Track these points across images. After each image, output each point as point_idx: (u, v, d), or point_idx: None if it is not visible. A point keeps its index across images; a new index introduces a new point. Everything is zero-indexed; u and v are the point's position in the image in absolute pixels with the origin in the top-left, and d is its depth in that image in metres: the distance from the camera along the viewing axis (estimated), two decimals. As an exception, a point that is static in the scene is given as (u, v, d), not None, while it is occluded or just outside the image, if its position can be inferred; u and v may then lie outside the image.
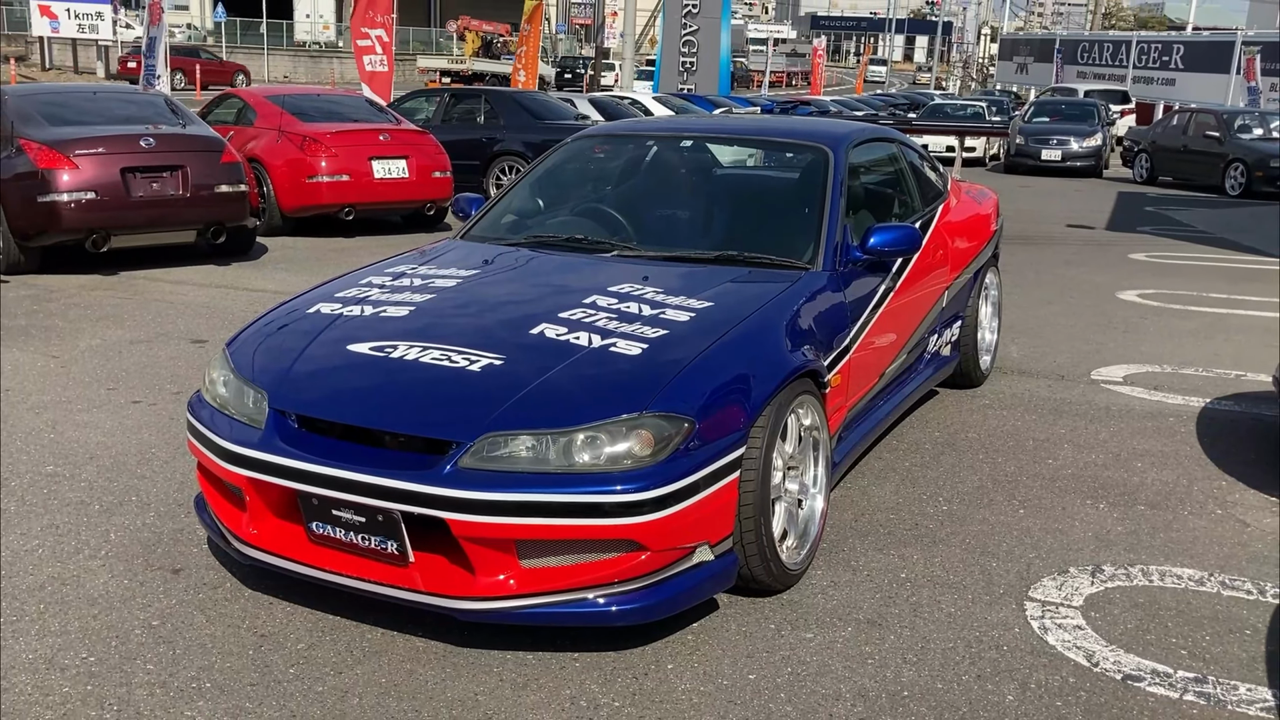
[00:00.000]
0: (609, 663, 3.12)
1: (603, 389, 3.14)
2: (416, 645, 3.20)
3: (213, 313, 7.47)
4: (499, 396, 3.11)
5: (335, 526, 3.16)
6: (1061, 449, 4.98)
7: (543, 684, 3.01)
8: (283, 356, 3.48)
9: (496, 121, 14.36)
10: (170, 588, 3.51)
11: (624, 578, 3.02)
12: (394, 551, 3.09)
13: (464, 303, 3.77)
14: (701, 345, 3.33)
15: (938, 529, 4.08)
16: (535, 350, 3.33)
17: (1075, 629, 3.35)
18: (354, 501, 3.07)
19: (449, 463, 2.99)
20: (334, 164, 10.82)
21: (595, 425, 3.00)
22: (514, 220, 4.73)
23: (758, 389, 3.30)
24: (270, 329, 3.71)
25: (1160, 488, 4.53)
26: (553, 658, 3.14)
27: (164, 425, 5.07)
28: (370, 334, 3.50)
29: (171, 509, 4.12)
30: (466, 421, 3.05)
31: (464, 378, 3.21)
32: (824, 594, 3.55)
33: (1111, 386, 6.03)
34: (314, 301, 3.84)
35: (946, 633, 3.32)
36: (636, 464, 2.97)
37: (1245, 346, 7.09)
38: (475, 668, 3.09)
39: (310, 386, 3.33)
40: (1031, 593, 3.59)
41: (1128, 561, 3.83)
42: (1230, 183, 19.69)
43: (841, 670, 3.11)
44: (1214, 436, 5.19)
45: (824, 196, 4.30)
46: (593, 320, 3.49)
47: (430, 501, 2.96)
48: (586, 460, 2.98)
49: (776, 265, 4.06)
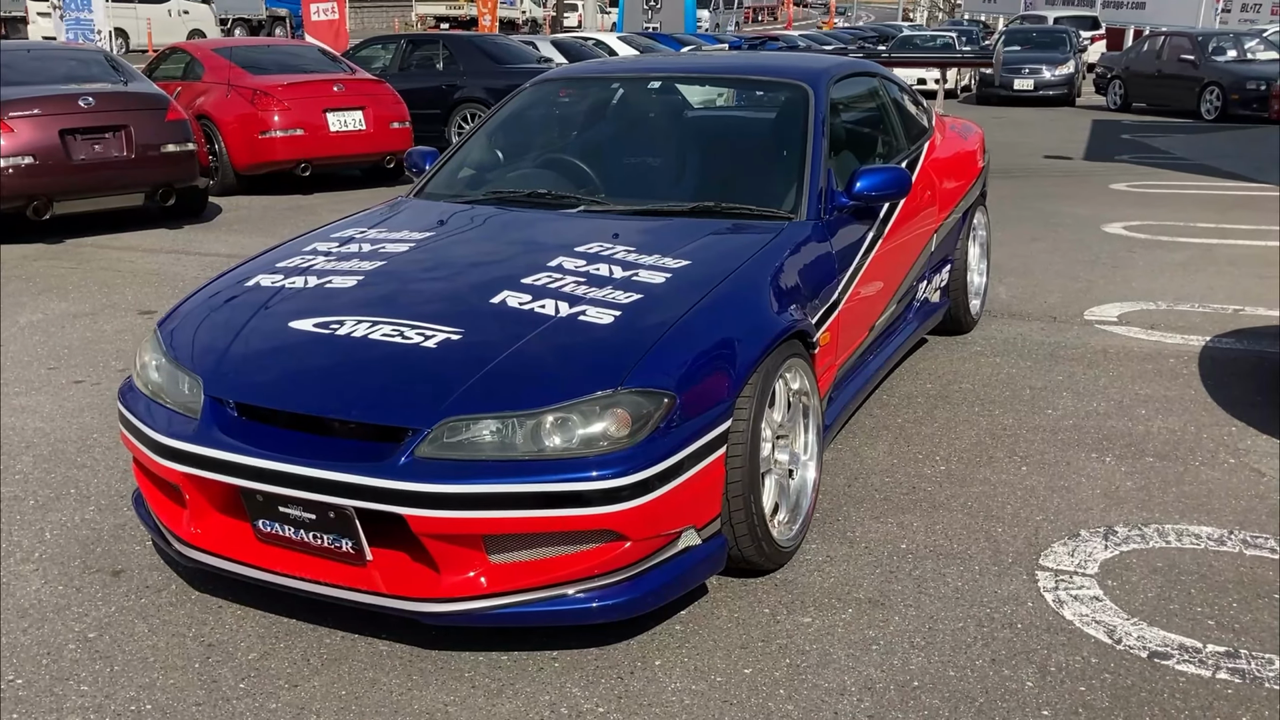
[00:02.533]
0: (590, 662, 2.85)
1: (572, 364, 2.84)
2: (379, 650, 2.92)
3: (163, 281, 7.09)
4: (458, 376, 2.80)
5: (284, 524, 2.86)
6: (1060, 397, 4.73)
7: (519, 689, 2.74)
8: (218, 337, 3.16)
9: (456, 68, 13.87)
10: (109, 593, 3.22)
11: (604, 570, 2.74)
12: (349, 550, 2.80)
13: (417, 270, 3.45)
14: (679, 310, 3.03)
15: (937, 492, 3.82)
16: (497, 322, 3.02)
17: (1093, 600, 3.11)
18: (302, 498, 2.77)
19: (404, 453, 2.69)
20: (287, 118, 10.39)
21: (565, 405, 2.70)
22: (471, 175, 4.40)
23: (742, 355, 3.01)
24: (205, 306, 3.38)
25: (1168, 437, 4.29)
26: (529, 659, 2.87)
27: (107, 407, 4.74)
28: (314, 309, 3.18)
29: (114, 502, 3.81)
30: (422, 406, 2.75)
31: (418, 356, 2.90)
32: (820, 571, 3.30)
33: (1107, 327, 5.77)
34: (252, 273, 3.51)
35: (955, 610, 3.08)
36: (613, 446, 2.68)
37: (1239, 278, 6.85)
38: (444, 673, 2.81)
39: (249, 371, 3.01)
40: (1042, 561, 3.34)
41: (1141, 521, 3.58)
42: (1206, 107, 19.44)
43: (844, 659, 2.85)
44: (1218, 378, 4.95)
45: (805, 138, 3.98)
46: (559, 286, 3.18)
47: (385, 496, 2.66)
48: (557, 445, 2.68)
49: (757, 216, 3.75)
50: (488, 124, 4.58)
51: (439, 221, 3.84)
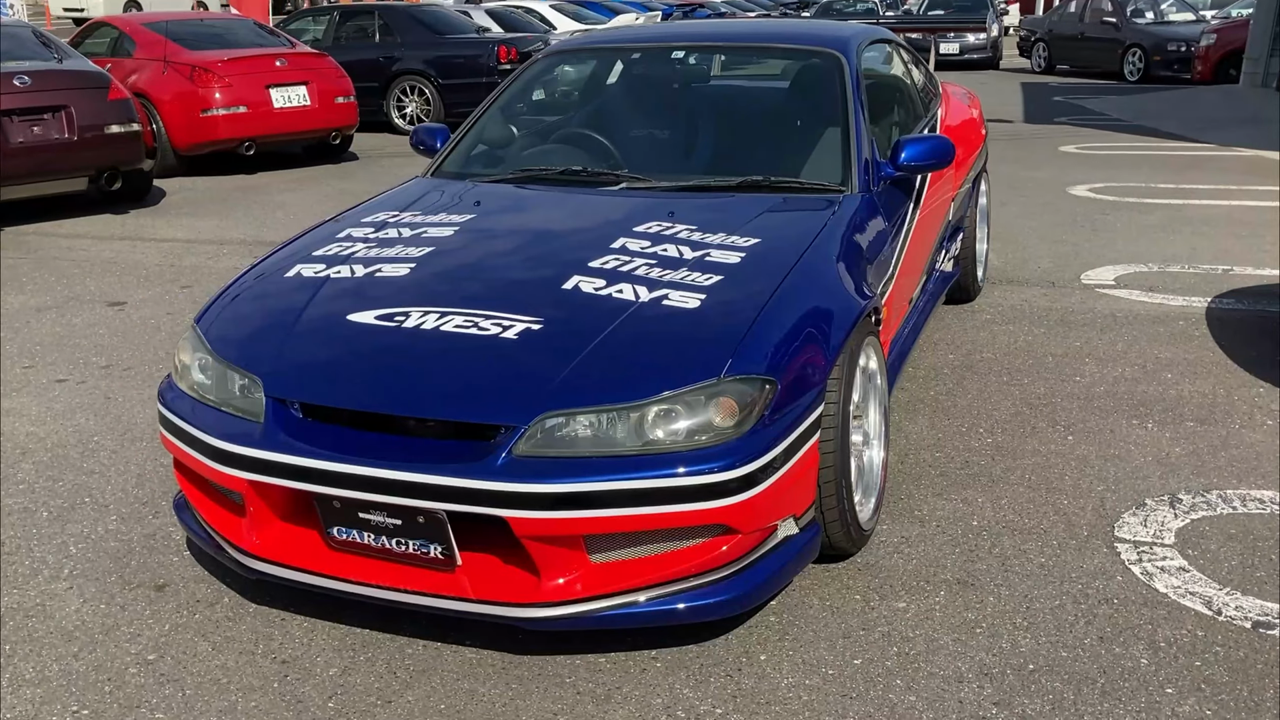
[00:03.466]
0: (693, 660, 2.74)
1: (670, 352, 2.70)
2: (469, 658, 2.77)
3: (124, 269, 6.75)
4: (548, 369, 2.65)
5: (362, 531, 2.69)
6: (1084, 364, 4.72)
7: (627, 693, 2.62)
8: (271, 333, 2.96)
9: (393, 39, 13.50)
10: (158, 610, 3.01)
11: (712, 566, 2.62)
12: (438, 555, 2.64)
13: (471, 256, 3.27)
14: (764, 291, 2.91)
15: (991, 465, 3.77)
16: (576, 309, 2.87)
17: (1180, 571, 3.08)
18: (387, 503, 2.60)
19: (502, 452, 2.53)
20: (229, 95, 9.99)
21: (669, 397, 2.57)
22: (490, 152, 4.21)
23: (833, 336, 2.91)
24: (246, 299, 3.17)
25: (1200, 400, 4.30)
26: (628, 660, 2.75)
27: (100, 406, 4.47)
28: (370, 300, 2.99)
29: (135, 510, 3.58)
30: (516, 401, 2.59)
31: (501, 348, 2.73)
32: (899, 553, 3.22)
33: (1107, 291, 5.79)
34: (289, 263, 3.30)
35: (1046, 588, 3.02)
36: (718, 438, 2.56)
37: (1217, 239, 6.93)
38: (544, 680, 2.68)
39: (312, 369, 2.82)
40: (1117, 532, 3.31)
41: (1201, 488, 3.57)
42: (1129, 68, 19.78)
43: (952, 645, 2.78)
44: (1231, 339, 4.98)
45: (846, 108, 3.87)
46: (631, 269, 3.04)
47: (485, 499, 2.51)
48: (661, 438, 2.55)
49: (807, 190, 3.64)
50: (502, 98, 4.39)
51: (475, 203, 3.66)
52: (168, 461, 3.90)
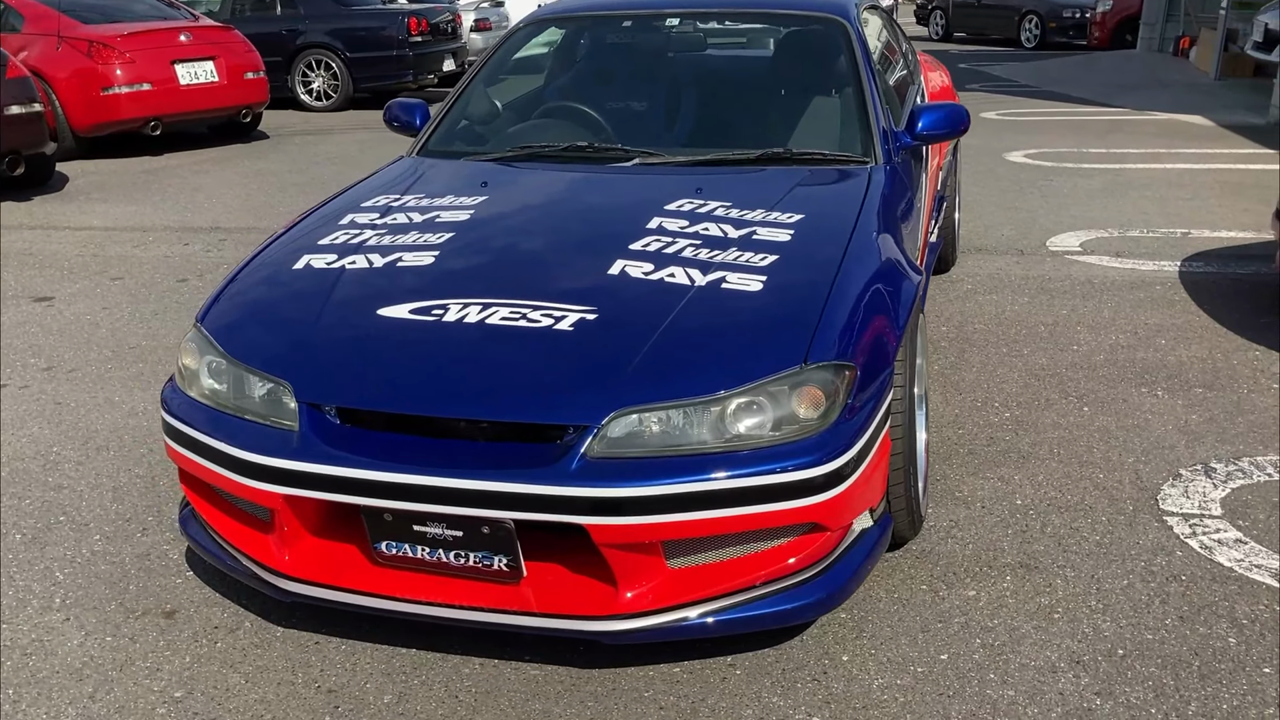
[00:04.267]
0: (773, 665, 2.59)
1: (744, 340, 2.52)
2: (533, 676, 2.57)
3: (43, 261, 6.28)
4: (615, 362, 2.45)
5: (417, 545, 2.46)
6: (1077, 332, 4.69)
7: (714, 705, 2.45)
8: (293, 332, 2.69)
9: (295, 11, 12.94)
10: (173, 640, 2.73)
11: (799, 567, 2.46)
12: (502, 568, 2.43)
13: (496, 241, 3.04)
14: (826, 271, 2.75)
15: (1016, 441, 3.69)
16: (629, 296, 2.67)
17: (1237, 543, 3.04)
18: (447, 514, 2.38)
19: (575, 454, 2.33)
20: (131, 71, 9.42)
21: (751, 388, 2.39)
22: (481, 128, 3.96)
23: (900, 315, 2.77)
24: (255, 295, 2.89)
25: (1201, 366, 4.29)
26: (705, 669, 2.58)
27: (52, 413, 4.11)
28: (400, 292, 2.75)
29: (120, 528, 3.27)
30: (586, 399, 2.39)
31: (557, 341, 2.52)
32: (952, 538, 3.11)
33: (1077, 257, 5.80)
34: (295, 254, 3.03)
35: (1110, 567, 2.95)
36: (802, 431, 2.39)
37: (1163, 202, 7.02)
38: (620, 696, 2.49)
39: (349, 370, 2.57)
40: (1162, 505, 3.25)
41: (1230, 456, 3.55)
42: (1026, 35, 20.17)
43: (1034, 633, 2.68)
44: (1211, 302, 5.01)
45: (858, 75, 3.72)
46: (676, 250, 2.85)
47: (561, 505, 2.30)
48: (744, 432, 2.38)
49: (830, 162, 3.49)
50: (484, 70, 4.13)
51: (482, 183, 3.41)
52: (142, 472, 3.60)
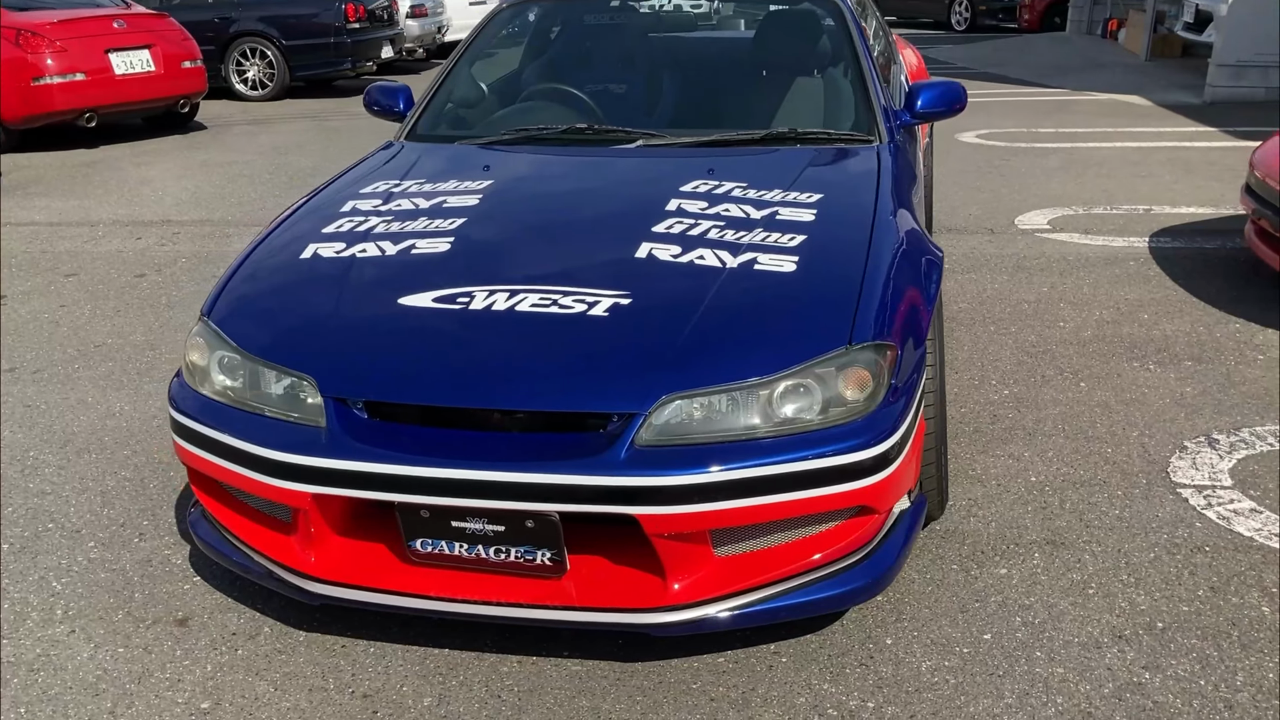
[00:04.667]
0: (818, 651, 2.55)
1: (787, 321, 2.47)
2: (575, 671, 2.50)
3: (-12, 258, 6.02)
4: (657, 347, 2.39)
5: (454, 542, 2.37)
6: (1061, 309, 4.72)
7: (765, 695, 2.41)
8: (310, 323, 2.59)
9: (227, -2, 12.59)
10: (190, 648, 2.61)
11: (846, 552, 2.42)
12: (546, 562, 2.36)
13: (512, 226, 2.95)
14: (857, 250, 2.71)
15: (1020, 418, 3.70)
16: (661, 280, 2.60)
17: (1253, 513, 3.07)
18: (488, 508, 2.30)
19: (623, 442, 2.26)
20: (63, 61, 9.08)
21: (799, 370, 2.34)
22: (471, 111, 3.86)
23: (930, 293, 2.74)
24: (264, 287, 2.77)
25: (1186, 340, 4.35)
26: (748, 657, 2.53)
27: (23, 416, 3.93)
28: (419, 281, 2.65)
29: (115, 534, 3.13)
30: (631, 385, 2.32)
31: (593, 327, 2.45)
32: (974, 516, 3.10)
33: (1047, 235, 5.85)
34: (298, 244, 2.91)
35: (1134, 540, 2.96)
36: (850, 413, 2.35)
37: (1121, 180, 7.12)
38: (668, 689, 2.44)
39: (376, 362, 2.47)
40: (1174, 477, 3.28)
41: (1229, 427, 3.59)
42: (956, 18, 20.40)
43: (1073, 610, 2.68)
44: (1185, 277, 5.09)
45: (855, 55, 3.69)
46: (701, 232, 2.79)
47: (611, 496, 2.24)
48: (791, 416, 2.33)
49: (835, 140, 3.45)
50: (469, 52, 4.02)
51: (484, 167, 3.32)
52: (129, 474, 3.46)
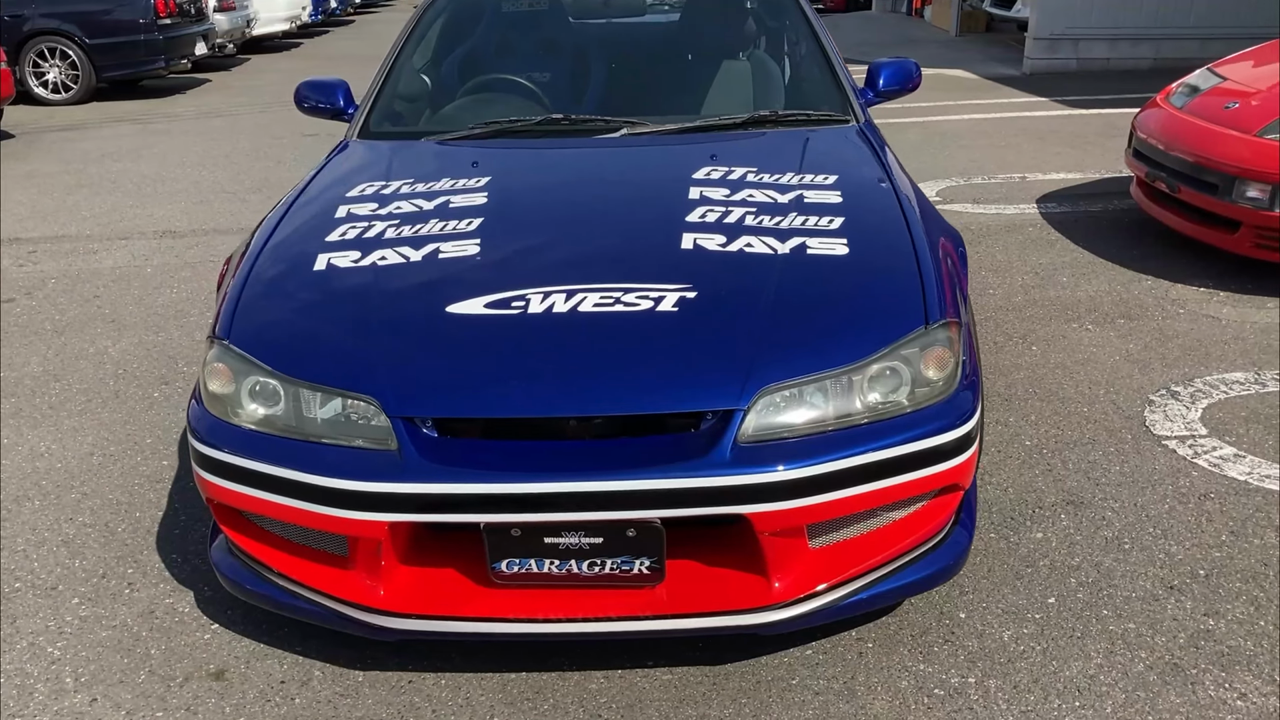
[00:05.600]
0: (899, 632, 2.55)
1: (861, 305, 2.45)
2: (667, 680, 2.42)
3: None
4: (741, 340, 2.32)
5: (544, 559, 2.25)
6: (984, 276, 4.88)
7: (866, 682, 2.39)
8: (357, 340, 2.39)
9: (17, -7, 11.61)
10: (240, 705, 2.39)
11: (934, 533, 2.42)
12: (643, 570, 2.26)
13: (534, 224, 2.82)
14: (898, 230, 2.71)
15: (991, 384, 3.80)
16: (718, 271, 2.52)
17: (1237, 458, 3.26)
18: (587, 520, 2.19)
19: (727, 440, 2.19)
20: None
21: (885, 354, 2.31)
22: (424, 106, 3.67)
23: (963, 266, 2.78)
24: (288, 304, 2.55)
25: (1111, 299, 4.57)
26: (836, 646, 2.51)
27: (-66, 465, 3.51)
28: (462, 286, 2.49)
29: (96, 583, 2.83)
30: (727, 381, 2.24)
31: (668, 324, 2.36)
32: (987, 483, 3.17)
33: (942, 206, 6.03)
34: (305, 256, 2.68)
35: (1145, 494, 3.09)
36: (933, 393, 2.34)
37: (984, 150, 7.44)
38: (770, 686, 2.39)
39: (441, 377, 2.30)
40: (1155, 430, 3.44)
41: (1182, 379, 3.80)
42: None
43: (1119, 566, 2.77)
44: (1084, 239, 5.35)
45: (815, 36, 3.71)
46: (737, 219, 2.73)
47: (720, 497, 2.16)
48: (883, 400, 2.30)
49: (815, 121, 3.44)
50: (407, 45, 3.81)
51: (471, 163, 3.14)
52: (86, 519, 3.15)
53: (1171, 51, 10.72)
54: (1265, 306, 4.40)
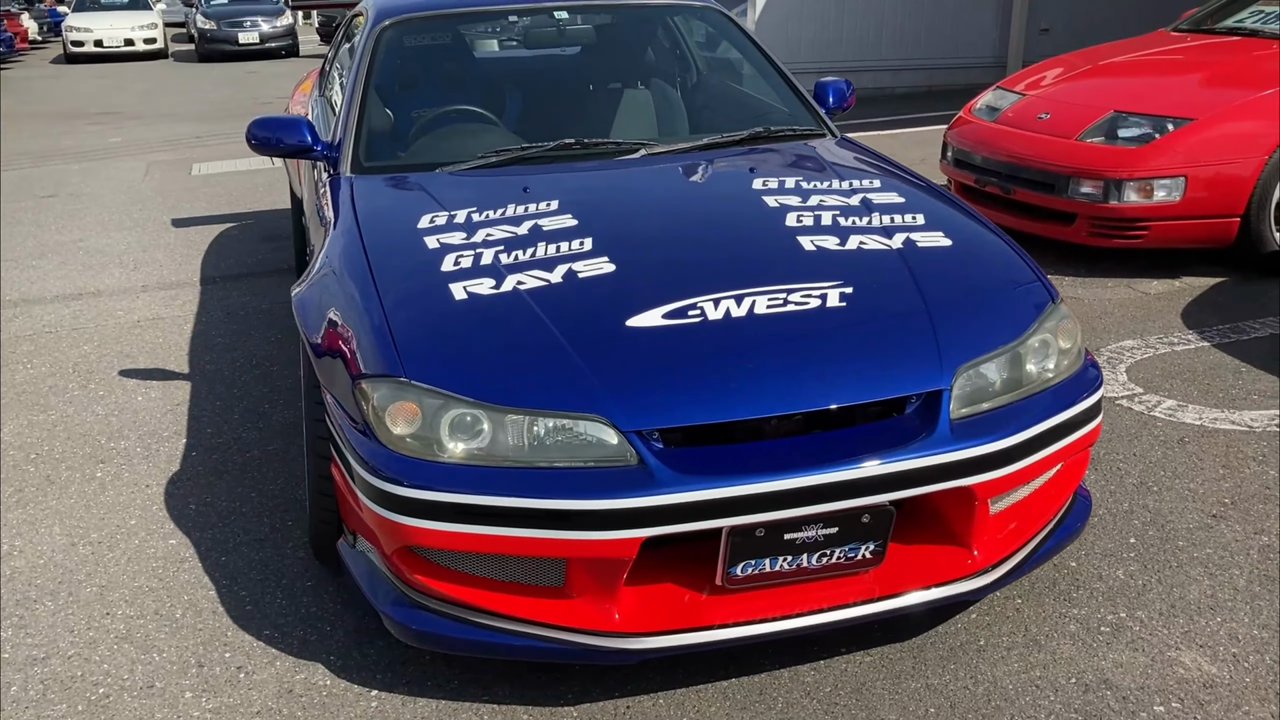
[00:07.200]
0: (1032, 586, 2.78)
1: (999, 288, 2.67)
2: (867, 663, 2.51)
3: None
4: (922, 326, 2.47)
5: (778, 556, 2.29)
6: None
7: (1045, 631, 2.59)
8: (556, 362, 2.32)
9: None
10: (465, 760, 2.24)
11: (1076, 485, 2.68)
12: (867, 555, 2.35)
13: (648, 239, 2.85)
14: (970, 220, 2.98)
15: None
16: (854, 266, 2.65)
17: (1180, 407, 3.74)
18: (827, 512, 2.25)
19: (943, 419, 2.33)
20: None
21: (1035, 329, 2.54)
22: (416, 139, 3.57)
23: (1012, 252, 3.08)
24: (454, 333, 2.42)
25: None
26: (989, 610, 2.70)
27: None
28: (629, 301, 2.48)
29: (225, 659, 2.54)
30: (929, 363, 2.39)
31: (846, 317, 2.47)
32: (1007, 453, 3.49)
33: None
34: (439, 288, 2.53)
35: (1134, 447, 3.48)
36: (1068, 361, 2.60)
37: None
38: (969, 649, 2.54)
39: (658, 388, 2.29)
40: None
41: (1092, 348, 4.31)
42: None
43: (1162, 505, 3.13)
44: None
45: (765, 56, 3.93)
46: (832, 221, 2.87)
47: (949, 472, 2.30)
48: (1041, 369, 2.52)
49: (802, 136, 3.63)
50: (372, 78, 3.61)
51: (522, 189, 3.07)
52: (130, 611, 2.84)
53: (870, 82, 11.87)
54: (1107, 285, 5.06)
